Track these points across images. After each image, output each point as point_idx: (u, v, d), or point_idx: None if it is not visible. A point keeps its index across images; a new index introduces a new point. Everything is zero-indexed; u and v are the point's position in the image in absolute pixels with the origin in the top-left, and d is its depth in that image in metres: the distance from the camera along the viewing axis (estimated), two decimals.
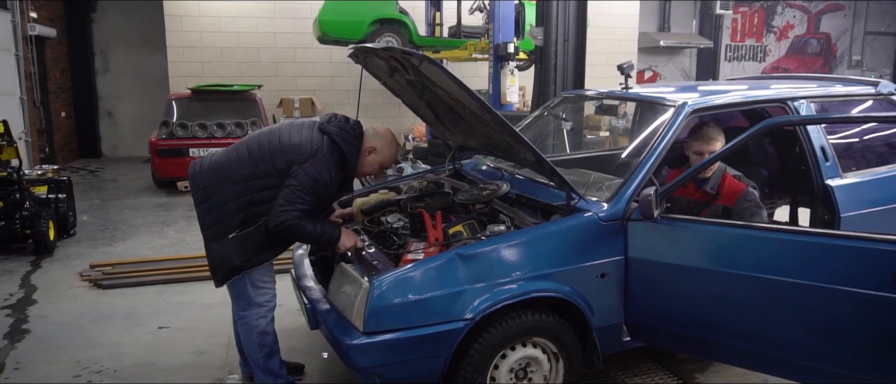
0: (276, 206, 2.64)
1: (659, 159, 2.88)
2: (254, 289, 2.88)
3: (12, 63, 9.20)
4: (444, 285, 2.50)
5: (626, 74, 3.62)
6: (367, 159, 2.89)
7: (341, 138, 2.78)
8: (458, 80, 2.51)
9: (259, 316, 2.90)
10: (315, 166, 2.68)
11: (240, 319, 2.94)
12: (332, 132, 2.78)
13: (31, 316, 4.16)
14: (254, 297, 2.88)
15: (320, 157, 2.70)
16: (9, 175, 5.32)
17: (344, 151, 2.77)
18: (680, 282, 2.65)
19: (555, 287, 2.63)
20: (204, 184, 2.80)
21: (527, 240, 2.65)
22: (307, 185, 2.66)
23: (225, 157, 2.83)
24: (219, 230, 2.76)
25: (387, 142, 2.92)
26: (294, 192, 2.64)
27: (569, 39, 6.67)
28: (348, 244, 2.82)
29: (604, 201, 2.79)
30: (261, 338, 2.92)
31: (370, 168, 2.93)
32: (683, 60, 15.89)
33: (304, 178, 2.66)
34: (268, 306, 2.93)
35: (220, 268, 2.79)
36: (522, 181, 3.34)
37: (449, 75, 2.51)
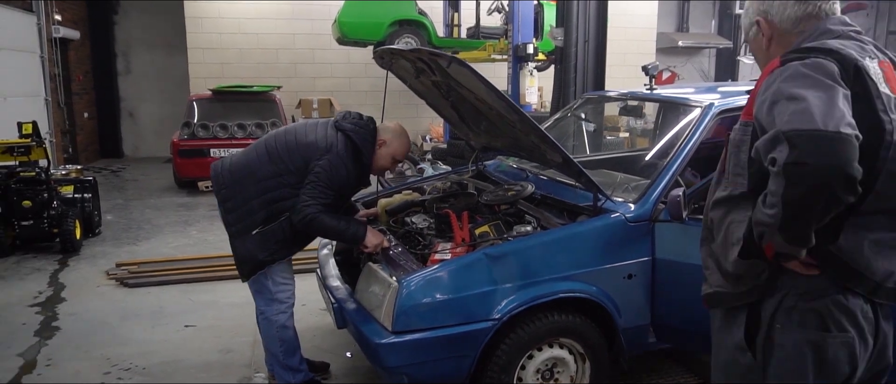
0: (299, 202, 2.72)
1: (686, 160, 2.87)
2: (275, 286, 2.95)
3: (37, 65, 9.36)
4: (472, 285, 2.51)
5: (651, 75, 3.60)
6: (379, 153, 2.95)
7: (356, 134, 2.84)
8: (487, 81, 2.52)
9: (279, 311, 2.97)
10: (332, 162, 2.75)
11: (260, 314, 3.02)
12: (346, 128, 2.84)
13: (61, 313, 4.23)
14: (275, 293, 2.95)
15: (336, 153, 2.76)
16: (37, 175, 5.42)
17: (359, 146, 2.83)
18: None
19: (582, 288, 2.64)
20: (226, 183, 2.88)
21: (554, 240, 2.65)
22: (325, 180, 2.72)
23: (245, 157, 2.91)
24: (242, 227, 2.84)
25: (397, 134, 2.98)
26: (314, 187, 2.72)
27: (589, 40, 6.65)
28: (374, 242, 2.85)
29: (631, 202, 2.79)
30: (281, 333, 2.98)
31: (384, 161, 2.98)
32: (702, 61, 15.78)
33: (322, 173, 2.73)
34: (287, 303, 3.00)
35: (245, 264, 2.88)
36: (547, 182, 3.34)
37: (477, 76, 2.52)
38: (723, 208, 1.61)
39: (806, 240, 1.38)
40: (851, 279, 1.48)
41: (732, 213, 1.58)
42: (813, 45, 1.50)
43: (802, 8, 1.58)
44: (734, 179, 1.58)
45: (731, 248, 1.56)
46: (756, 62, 1.71)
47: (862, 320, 1.50)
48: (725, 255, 1.59)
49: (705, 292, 1.70)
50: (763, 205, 1.40)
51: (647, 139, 11.52)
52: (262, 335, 3.08)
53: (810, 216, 1.33)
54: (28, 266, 5.25)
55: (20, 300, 4.47)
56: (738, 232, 1.54)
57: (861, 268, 1.48)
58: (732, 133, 1.62)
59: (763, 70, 1.58)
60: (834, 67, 1.41)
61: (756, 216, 1.43)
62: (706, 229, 1.71)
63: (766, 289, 1.53)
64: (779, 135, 1.34)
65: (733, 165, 1.59)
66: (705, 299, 1.71)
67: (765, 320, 1.54)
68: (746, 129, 1.56)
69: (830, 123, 1.31)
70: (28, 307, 4.34)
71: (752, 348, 1.58)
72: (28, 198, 5.37)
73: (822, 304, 1.48)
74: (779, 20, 1.60)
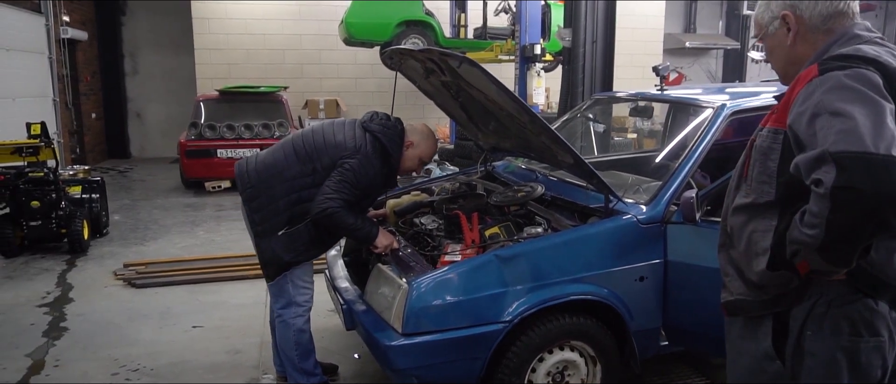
0: (320, 193, 2.69)
1: (698, 162, 2.84)
2: (295, 289, 2.93)
3: (45, 65, 9.39)
4: (483, 287, 2.49)
5: (661, 76, 3.58)
6: (407, 154, 2.94)
7: (384, 135, 2.83)
8: (498, 82, 2.50)
9: (297, 315, 2.94)
10: (361, 161, 2.73)
11: (278, 317, 2.99)
12: (375, 130, 2.83)
13: (69, 314, 4.23)
14: (294, 296, 2.93)
15: (365, 153, 2.75)
16: (45, 175, 5.43)
17: (387, 147, 2.82)
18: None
19: (594, 290, 2.61)
20: (252, 182, 2.84)
21: (565, 242, 2.63)
22: (352, 178, 2.71)
23: (271, 157, 2.88)
24: (268, 227, 2.81)
25: (425, 136, 2.98)
26: (340, 183, 2.69)
27: (597, 40, 6.63)
28: (385, 243, 2.83)
29: (643, 204, 2.76)
30: (297, 336, 2.96)
31: (411, 163, 2.98)
32: (709, 62, 15.72)
33: (349, 172, 2.71)
34: (306, 306, 2.98)
35: (271, 265, 2.86)
36: (557, 183, 3.32)
37: (488, 77, 2.50)
38: (744, 215, 1.57)
39: (848, 263, 1.35)
40: (877, 289, 1.45)
41: (754, 221, 1.54)
42: (848, 52, 1.45)
43: (834, 5, 1.53)
44: (759, 187, 1.53)
45: (755, 258, 1.52)
46: (770, 59, 1.67)
47: (891, 324, 1.47)
48: (748, 264, 1.55)
49: (726, 300, 1.66)
50: (801, 223, 1.35)
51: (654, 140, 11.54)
52: (278, 338, 3.05)
53: (857, 241, 1.30)
54: (36, 266, 5.26)
55: (28, 300, 4.47)
56: (762, 242, 1.50)
57: (889, 279, 1.45)
58: (758, 139, 1.57)
59: (795, 77, 1.51)
60: (878, 79, 1.36)
61: (792, 234, 1.39)
62: (725, 235, 1.68)
63: (794, 298, 1.50)
64: (825, 155, 1.28)
65: (758, 173, 1.54)
66: (725, 307, 1.68)
67: (794, 328, 1.51)
68: (776, 137, 1.50)
69: (881, 145, 1.26)
70: (36, 307, 4.34)
71: (781, 356, 1.55)
72: (36, 199, 5.38)
73: (853, 310, 1.45)
74: (808, 15, 1.55)
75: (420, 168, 3.06)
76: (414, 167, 3.01)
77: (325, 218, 2.68)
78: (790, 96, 1.47)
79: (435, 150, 3.01)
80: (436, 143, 3.02)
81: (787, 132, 1.44)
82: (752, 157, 1.58)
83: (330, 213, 2.66)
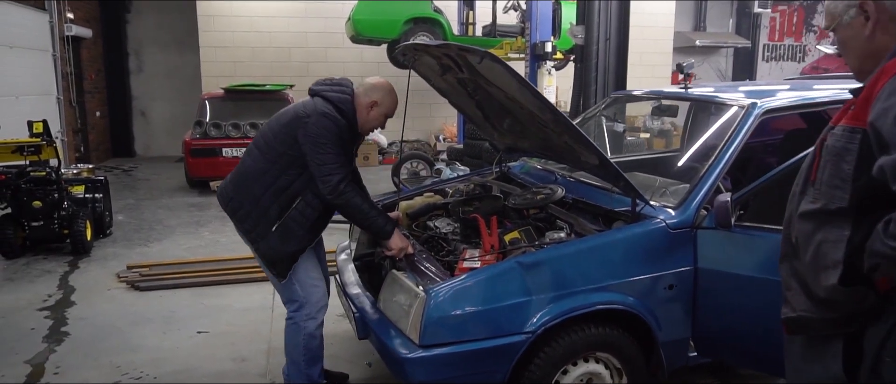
0: (318, 178, 2.63)
1: (729, 163, 2.70)
2: (303, 290, 2.83)
3: (50, 63, 9.29)
4: (504, 296, 2.35)
5: (685, 74, 3.43)
6: (371, 114, 2.83)
7: (331, 92, 2.75)
8: (521, 78, 2.36)
9: (309, 317, 2.84)
10: (317, 121, 2.64)
11: (289, 320, 2.89)
12: (319, 91, 2.77)
13: (70, 317, 4.11)
14: (305, 299, 2.83)
15: (319, 112, 2.66)
16: (47, 175, 5.31)
17: (335, 102, 2.72)
18: (756, 295, 2.46)
19: (621, 299, 2.47)
20: (231, 195, 2.83)
21: (591, 248, 2.49)
22: (320, 139, 2.62)
23: (241, 166, 2.86)
24: (261, 229, 2.74)
25: (387, 92, 2.85)
26: (315, 150, 2.61)
27: (611, 38, 6.48)
28: (399, 245, 2.72)
29: (671, 208, 2.62)
30: (307, 341, 2.85)
31: (376, 121, 2.87)
32: (719, 60, 15.53)
33: (311, 136, 2.62)
34: (318, 305, 2.87)
35: (278, 262, 2.76)
36: (576, 184, 3.18)
37: (511, 73, 2.36)
38: (811, 223, 1.42)
39: None
40: None
41: (824, 230, 1.39)
42: None
43: None
44: (829, 192, 1.38)
45: (824, 272, 1.38)
46: (843, 52, 1.52)
47: None
48: (815, 278, 1.40)
49: (787, 316, 1.51)
50: (885, 234, 1.22)
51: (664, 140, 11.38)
52: (287, 341, 2.92)
53: None
54: (38, 268, 5.14)
55: (29, 303, 4.35)
56: (833, 254, 1.36)
57: None
58: (830, 138, 1.42)
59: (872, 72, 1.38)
60: None
61: (874, 246, 1.25)
62: (788, 244, 1.53)
63: (869, 318, 1.35)
64: None
65: (830, 176, 1.39)
66: (787, 323, 1.53)
67: (869, 352, 1.36)
68: (853, 137, 1.35)
69: None
70: (37, 311, 4.22)
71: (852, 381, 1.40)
72: (38, 199, 5.26)
73: None
74: (891, 2, 1.41)
75: (384, 123, 2.94)
76: (379, 124, 2.91)
77: (338, 196, 2.63)
78: (872, 90, 1.32)
79: (394, 105, 2.90)
80: (397, 97, 2.89)
81: (866, 131, 1.30)
82: (821, 157, 1.43)
83: (342, 191, 2.62)
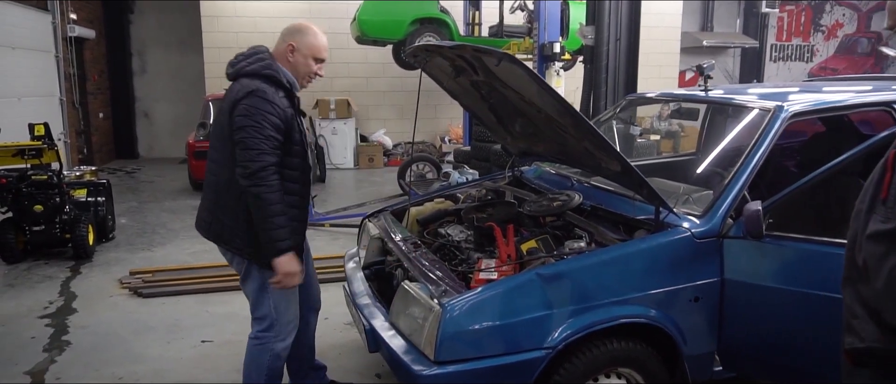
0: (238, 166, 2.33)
1: (756, 169, 2.58)
2: (275, 307, 2.59)
3: (52, 64, 9.22)
4: (524, 310, 2.24)
5: (706, 76, 3.31)
6: (295, 60, 2.51)
7: (248, 65, 2.45)
8: (542, 81, 2.26)
9: (277, 337, 2.61)
10: (250, 102, 2.35)
11: (255, 338, 2.62)
12: (238, 71, 2.47)
13: (72, 326, 4.01)
14: (275, 317, 2.60)
15: (247, 91, 2.37)
16: (49, 178, 5.21)
17: (261, 71, 2.43)
18: (788, 308, 2.35)
19: (646, 312, 2.36)
20: (209, 220, 2.59)
21: (614, 259, 2.38)
22: (245, 123, 2.33)
23: (206, 185, 2.62)
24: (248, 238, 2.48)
25: (300, 30, 2.54)
26: (246, 135, 2.32)
27: (621, 38, 6.36)
28: (285, 270, 2.39)
29: (696, 216, 2.50)
30: (272, 362, 2.61)
31: (305, 66, 2.54)
32: (726, 61, 15.38)
33: (244, 117, 2.33)
34: (288, 327, 2.64)
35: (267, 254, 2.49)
36: (593, 190, 3.07)
37: (531, 75, 2.25)
38: (882, 245, 1.29)
39: None
40: None
41: None
42: None
43: None
44: None
45: None
46: None
47: None
48: (890, 306, 1.29)
49: (853, 347, 1.39)
50: None
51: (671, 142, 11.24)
52: (247, 361, 2.67)
53: None
54: (39, 273, 5.05)
55: (30, 310, 4.26)
56: None
57: None
58: None
59: None
60: None
61: None
62: (853, 267, 1.40)
63: None
64: None
65: None
66: (850, 354, 1.40)
67: None
68: None
69: None
70: (38, 318, 4.13)
71: None
72: (40, 203, 5.17)
73: None
74: None
75: (319, 68, 2.61)
76: (311, 69, 2.57)
77: (256, 183, 2.31)
78: None
79: (321, 41, 2.56)
80: (318, 33, 2.56)
81: None
82: (894, 172, 1.31)
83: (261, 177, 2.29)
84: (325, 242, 5.97)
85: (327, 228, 6.47)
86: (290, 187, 2.48)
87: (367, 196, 8.23)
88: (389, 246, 3.02)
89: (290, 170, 2.49)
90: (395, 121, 11.86)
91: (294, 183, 2.51)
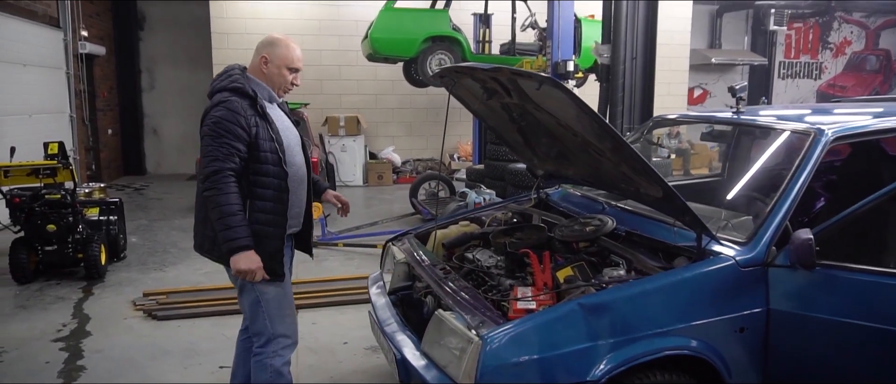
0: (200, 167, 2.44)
1: (800, 195, 2.50)
2: (271, 323, 2.62)
3: (63, 81, 9.20)
4: (566, 342, 2.16)
5: (738, 97, 3.25)
6: (269, 71, 2.60)
7: (219, 82, 2.56)
8: (584, 104, 2.19)
9: (274, 353, 2.63)
10: (217, 112, 2.45)
11: (255, 355, 2.66)
12: (212, 89, 2.57)
13: (86, 350, 3.92)
14: (271, 332, 2.62)
15: (215, 103, 2.48)
16: (62, 197, 5.15)
17: (230, 86, 2.51)
18: (841, 341, 2.27)
19: (690, 343, 2.28)
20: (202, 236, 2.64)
21: (658, 288, 2.29)
22: (215, 129, 2.42)
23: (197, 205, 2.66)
24: None
25: (272, 43, 2.62)
26: (208, 143, 2.43)
27: (637, 57, 6.33)
28: (241, 268, 2.41)
29: (740, 244, 2.42)
30: (273, 379, 2.62)
31: (280, 77, 2.62)
32: (734, 77, 15.34)
33: (209, 127, 2.45)
34: (285, 342, 2.66)
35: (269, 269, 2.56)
36: (623, 214, 2.99)
37: (572, 99, 2.19)
38: None
39: None
40: None
41: None
42: None
43: None
44: None
45: None
46: None
47: None
48: None
49: None
50: None
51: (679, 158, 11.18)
52: (253, 379, 2.68)
53: None
54: (51, 294, 4.97)
55: (43, 334, 4.17)
56: None
57: None
58: None
59: None
60: None
61: None
62: None
63: None
64: None
65: None
66: None
67: None
68: None
69: None
70: (51, 342, 4.04)
71: None
72: (53, 222, 5.11)
73: None
74: None
75: (295, 78, 2.67)
76: (286, 79, 2.64)
77: (208, 191, 2.39)
78: None
79: (294, 52, 2.62)
80: (290, 45, 2.63)
81: None
82: None
83: (212, 181, 2.38)
84: (340, 262, 5.89)
85: (341, 247, 6.39)
86: (262, 193, 2.53)
87: (378, 214, 8.16)
88: (417, 271, 2.94)
89: (262, 176, 2.53)
90: (403, 138, 11.83)
91: (267, 189, 2.55)
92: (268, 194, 2.54)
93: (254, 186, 2.51)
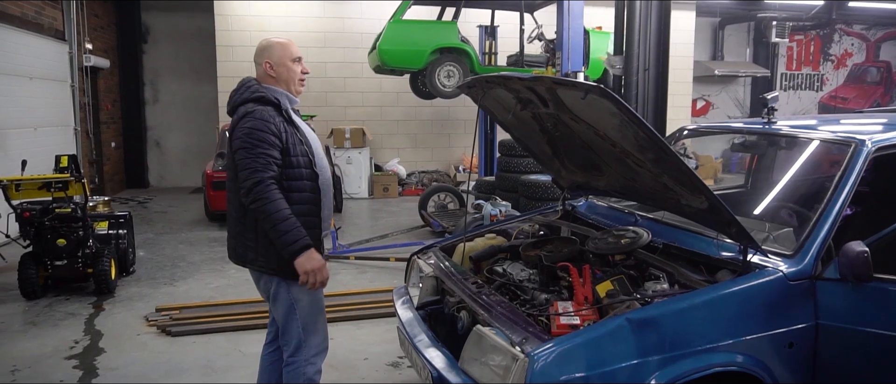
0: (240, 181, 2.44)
1: (845, 206, 2.45)
2: (304, 331, 2.64)
3: (68, 94, 9.14)
4: (614, 359, 2.09)
5: (769, 108, 3.20)
6: (278, 75, 2.62)
7: (240, 97, 2.58)
8: (634, 114, 2.13)
9: (306, 361, 2.65)
10: (247, 123, 2.48)
11: (286, 364, 2.68)
12: (233, 104, 2.60)
13: (101, 367, 3.83)
14: (303, 339, 2.64)
15: (245, 115, 2.50)
16: (73, 211, 5.07)
17: (253, 97, 2.54)
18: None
19: (740, 359, 2.21)
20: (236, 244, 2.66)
21: (706, 302, 2.23)
22: (241, 145, 2.45)
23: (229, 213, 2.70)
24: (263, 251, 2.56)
25: (266, 46, 2.65)
26: (245, 154, 2.43)
27: (650, 69, 6.29)
28: (306, 268, 2.43)
29: (786, 256, 2.36)
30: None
31: (289, 73, 2.65)
32: (737, 89, 15.38)
33: (242, 138, 2.46)
34: (316, 350, 2.68)
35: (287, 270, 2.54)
36: (657, 225, 2.93)
37: (621, 108, 2.13)
38: None
39: None
40: None
41: None
42: None
43: None
44: None
45: None
46: None
47: None
48: None
49: None
50: None
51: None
52: None
53: None
54: (61, 310, 4.87)
55: (55, 351, 4.08)
56: None
57: None
58: None
59: None
60: None
61: None
62: None
63: None
64: None
65: None
66: None
67: None
68: None
69: None
70: (64, 359, 3.95)
71: None
72: (63, 236, 5.02)
73: None
74: None
75: (302, 66, 2.70)
76: (296, 71, 2.66)
77: (253, 204, 2.41)
78: None
79: (288, 44, 2.67)
80: (281, 40, 2.67)
81: None
82: None
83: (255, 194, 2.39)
84: (352, 276, 5.81)
85: (353, 261, 6.31)
86: (297, 197, 2.54)
87: (386, 227, 8.09)
88: (448, 285, 2.87)
89: (295, 181, 2.55)
90: (408, 150, 11.78)
91: (302, 192, 2.56)
92: (304, 197, 2.57)
93: (288, 191, 2.51)
